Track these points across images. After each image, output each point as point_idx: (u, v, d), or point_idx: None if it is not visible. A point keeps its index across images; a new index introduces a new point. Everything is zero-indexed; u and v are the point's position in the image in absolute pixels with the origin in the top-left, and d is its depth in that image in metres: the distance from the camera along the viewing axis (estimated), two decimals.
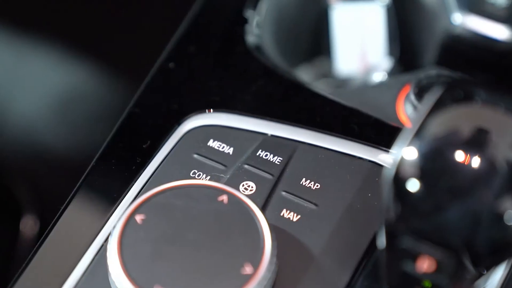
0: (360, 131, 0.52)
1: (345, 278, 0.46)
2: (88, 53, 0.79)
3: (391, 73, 0.61)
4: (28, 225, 0.70)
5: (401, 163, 0.41)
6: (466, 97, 0.43)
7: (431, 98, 0.43)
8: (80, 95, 0.76)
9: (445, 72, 0.54)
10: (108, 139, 0.53)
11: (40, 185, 0.73)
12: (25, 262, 0.48)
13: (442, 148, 0.41)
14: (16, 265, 0.49)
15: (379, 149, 0.51)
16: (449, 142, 0.41)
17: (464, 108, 0.42)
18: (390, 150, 0.50)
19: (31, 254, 0.48)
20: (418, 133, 0.42)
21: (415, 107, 0.52)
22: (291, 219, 0.48)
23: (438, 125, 0.42)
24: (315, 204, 0.49)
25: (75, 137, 0.74)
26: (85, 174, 0.52)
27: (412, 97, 0.52)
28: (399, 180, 0.41)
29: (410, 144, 0.42)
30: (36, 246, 0.49)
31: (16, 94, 0.76)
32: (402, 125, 0.52)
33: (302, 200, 0.49)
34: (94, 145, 0.54)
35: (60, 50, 0.80)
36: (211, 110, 0.53)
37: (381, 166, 0.50)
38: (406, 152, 0.41)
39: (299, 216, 0.48)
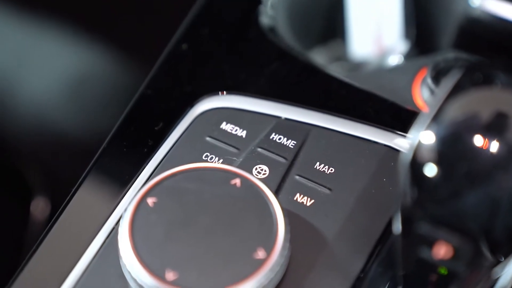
0: (375, 115, 0.51)
1: (359, 264, 0.46)
2: (99, 35, 0.79)
3: (407, 56, 0.60)
4: (39, 207, 0.70)
5: (418, 148, 0.40)
6: (485, 81, 0.42)
7: (449, 81, 0.42)
8: (91, 77, 0.75)
9: (463, 55, 0.53)
10: (119, 121, 0.53)
11: (51, 167, 0.72)
12: (36, 244, 0.48)
13: (460, 133, 0.41)
14: (27, 248, 0.48)
15: (394, 133, 0.50)
16: (468, 126, 0.41)
17: (483, 92, 0.42)
18: (406, 134, 0.50)
19: (41, 236, 0.48)
20: (436, 117, 0.41)
21: (432, 91, 0.51)
22: (305, 203, 0.48)
23: (457, 109, 0.41)
24: (329, 189, 0.48)
25: (87, 119, 0.74)
26: (96, 156, 0.51)
27: (429, 80, 0.51)
28: (416, 165, 0.40)
29: (427, 128, 0.41)
30: (47, 228, 0.48)
31: (27, 76, 0.76)
32: (418, 109, 0.52)
33: (316, 184, 0.48)
34: (106, 127, 0.54)
35: (72, 32, 0.80)
36: (224, 92, 0.52)
37: (396, 150, 0.49)
38: (423, 136, 0.41)
39: (312, 201, 0.48)
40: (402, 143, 0.50)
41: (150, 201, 0.45)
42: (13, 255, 0.67)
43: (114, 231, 0.47)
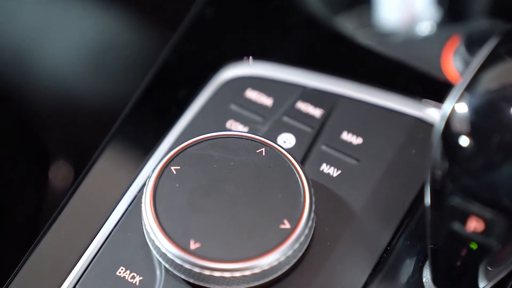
0: (404, 84, 0.50)
1: (386, 237, 0.45)
2: (121, 0, 0.78)
3: (439, 24, 0.58)
4: (60, 175, 0.69)
5: (451, 118, 0.39)
6: None
7: (484, 51, 0.41)
8: (113, 43, 0.74)
9: (498, 23, 0.52)
10: (142, 88, 0.52)
11: (73, 134, 0.72)
12: (57, 211, 0.47)
13: (495, 104, 0.39)
14: (48, 215, 0.48)
15: (424, 104, 0.49)
16: (503, 97, 0.39)
17: None
18: (436, 105, 0.48)
19: (62, 204, 0.47)
20: (470, 88, 0.40)
21: (465, 61, 0.50)
22: (331, 174, 0.47)
23: (491, 79, 0.40)
24: (357, 159, 0.47)
25: (108, 85, 0.73)
26: (118, 123, 0.51)
27: (462, 50, 0.50)
28: (448, 136, 0.39)
29: (461, 98, 0.39)
30: (68, 195, 0.47)
31: (49, 43, 0.75)
32: (449, 79, 0.50)
33: (343, 154, 0.47)
34: (128, 94, 0.53)
35: None
36: (250, 58, 0.51)
37: (426, 121, 0.48)
38: (457, 107, 0.39)
39: (339, 171, 0.47)
40: (432, 114, 0.48)
41: (174, 168, 0.44)
42: (34, 223, 0.67)
43: (136, 199, 0.46)
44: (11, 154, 0.71)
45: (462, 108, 0.39)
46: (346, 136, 0.48)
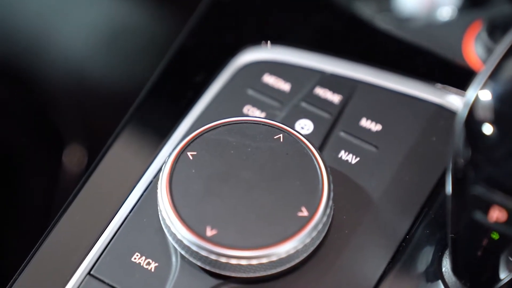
0: (425, 70, 0.49)
1: (405, 226, 0.44)
2: None
3: (460, 8, 0.57)
4: (75, 159, 0.69)
5: (475, 106, 0.38)
6: None
7: (508, 37, 0.40)
8: (129, 26, 0.74)
9: None
10: (157, 72, 0.51)
11: (88, 118, 0.71)
12: (71, 195, 0.46)
13: None
14: (62, 200, 0.47)
15: (445, 90, 0.48)
16: None
17: None
18: (458, 92, 0.48)
19: (77, 188, 0.47)
20: (494, 75, 0.39)
21: (487, 47, 0.49)
22: (350, 161, 0.46)
23: None
24: (375, 146, 0.46)
25: (124, 69, 0.72)
26: (133, 107, 0.50)
27: (484, 35, 0.49)
28: (471, 124, 0.38)
29: (485, 86, 0.39)
30: (82, 180, 0.47)
31: (64, 25, 0.75)
32: (471, 65, 0.49)
33: (361, 141, 0.46)
34: (144, 78, 0.52)
35: None
36: (268, 42, 0.50)
37: (447, 108, 0.47)
38: (481, 94, 0.38)
39: (358, 158, 0.46)
40: (453, 101, 0.48)
41: (190, 154, 0.44)
42: (49, 208, 0.67)
43: (152, 184, 0.46)
44: (25, 138, 0.71)
45: (486, 96, 0.38)
46: (365, 122, 0.47)
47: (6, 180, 0.69)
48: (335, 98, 0.48)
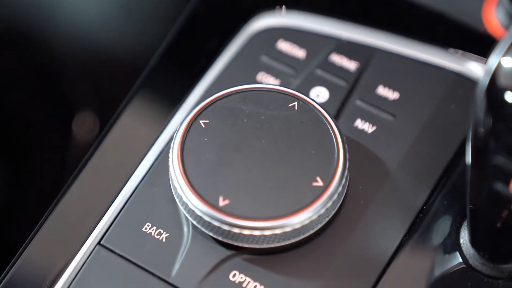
0: (443, 37, 0.48)
1: (423, 197, 0.43)
2: None
3: None
4: (85, 127, 0.68)
5: (497, 73, 0.37)
6: None
7: None
8: None
9: None
10: (169, 38, 0.50)
11: (98, 84, 0.71)
12: (81, 164, 0.46)
13: None
14: (72, 168, 0.47)
15: (464, 57, 0.47)
16: None
17: None
18: (478, 59, 0.46)
19: (87, 156, 0.46)
20: None
21: (509, 13, 0.47)
22: (366, 130, 0.45)
23: None
24: (393, 115, 0.45)
25: (135, 35, 0.71)
26: (144, 73, 0.49)
27: (506, 1, 0.48)
28: (493, 92, 0.37)
29: (507, 52, 0.37)
30: (92, 148, 0.46)
31: None
32: (491, 32, 0.48)
33: (378, 110, 0.45)
34: (155, 44, 0.51)
35: None
36: (283, 7, 0.49)
37: (466, 76, 0.46)
38: (503, 61, 0.37)
39: (374, 127, 0.45)
40: (473, 68, 0.46)
41: (202, 122, 0.43)
42: (58, 176, 0.66)
43: (163, 152, 0.45)
44: (35, 105, 0.70)
45: (509, 63, 0.37)
46: (382, 90, 0.46)
47: (16, 148, 0.68)
48: (352, 65, 0.47)
